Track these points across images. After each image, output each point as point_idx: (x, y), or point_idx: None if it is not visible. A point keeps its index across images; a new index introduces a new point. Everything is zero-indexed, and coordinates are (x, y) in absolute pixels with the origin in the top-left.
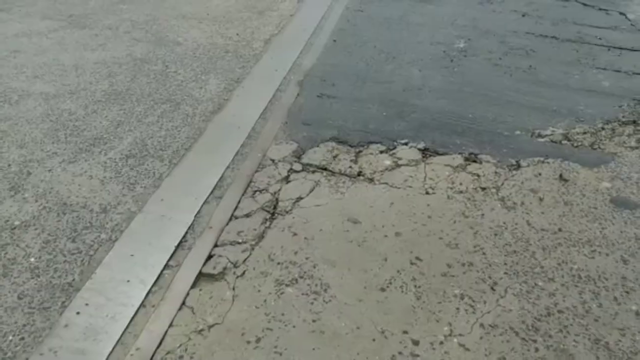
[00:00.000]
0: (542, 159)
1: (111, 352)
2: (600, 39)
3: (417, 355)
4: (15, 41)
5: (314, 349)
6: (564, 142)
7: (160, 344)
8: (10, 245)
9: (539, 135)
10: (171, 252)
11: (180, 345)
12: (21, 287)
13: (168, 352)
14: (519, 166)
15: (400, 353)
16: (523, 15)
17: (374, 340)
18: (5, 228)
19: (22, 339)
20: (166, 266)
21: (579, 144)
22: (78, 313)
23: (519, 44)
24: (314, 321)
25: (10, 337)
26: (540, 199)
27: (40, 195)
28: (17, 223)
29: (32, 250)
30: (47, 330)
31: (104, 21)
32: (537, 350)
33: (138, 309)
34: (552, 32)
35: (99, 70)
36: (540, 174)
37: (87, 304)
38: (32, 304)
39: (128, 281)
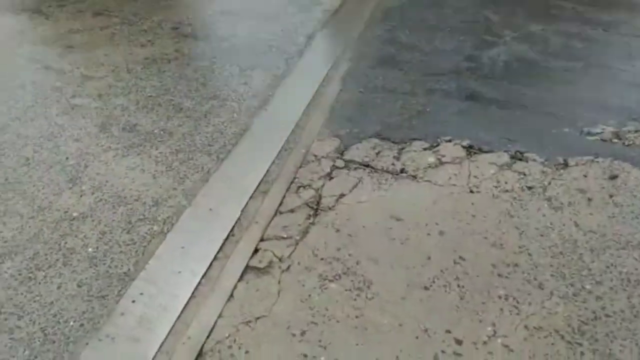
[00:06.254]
0: (591, 158)
1: (164, 340)
2: None
3: (460, 355)
4: (68, 37)
5: (357, 344)
6: (615, 140)
7: (210, 334)
8: (69, 236)
9: (589, 133)
10: (219, 245)
11: (229, 335)
12: (80, 276)
13: (217, 342)
14: (566, 165)
15: (443, 352)
16: (573, 8)
17: (416, 338)
18: (65, 219)
19: (82, 325)
20: (215, 259)
21: (631, 142)
22: (133, 302)
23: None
24: (357, 317)
25: (72, 323)
26: (589, 200)
27: (97, 187)
28: (75, 214)
29: (90, 241)
30: (104, 317)
31: (152, 17)
32: (582, 354)
33: (189, 299)
34: (602, 24)
35: (148, 65)
36: (589, 174)
37: (141, 294)
38: (91, 292)
39: (179, 272)
